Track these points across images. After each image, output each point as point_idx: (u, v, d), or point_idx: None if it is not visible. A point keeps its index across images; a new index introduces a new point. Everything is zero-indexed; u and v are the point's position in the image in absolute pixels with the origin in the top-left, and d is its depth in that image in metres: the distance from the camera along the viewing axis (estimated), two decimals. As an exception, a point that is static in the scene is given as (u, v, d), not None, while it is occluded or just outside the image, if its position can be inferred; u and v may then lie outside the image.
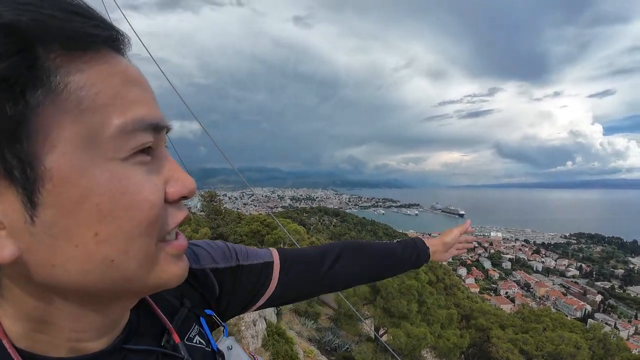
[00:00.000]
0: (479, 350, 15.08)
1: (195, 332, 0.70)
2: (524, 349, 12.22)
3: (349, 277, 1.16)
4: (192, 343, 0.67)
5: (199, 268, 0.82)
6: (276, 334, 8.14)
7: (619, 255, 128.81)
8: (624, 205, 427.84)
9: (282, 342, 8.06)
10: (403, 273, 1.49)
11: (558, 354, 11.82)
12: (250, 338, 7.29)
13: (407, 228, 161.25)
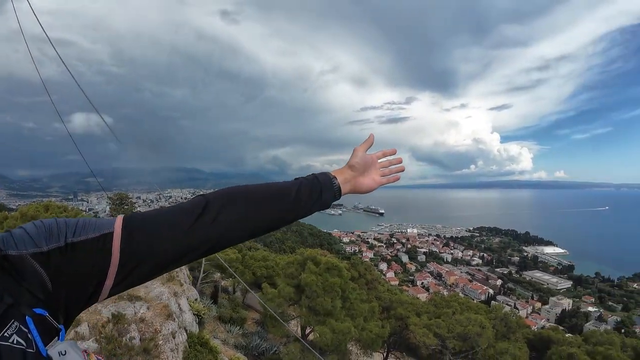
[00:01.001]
0: (399, 337, 16.09)
1: (13, 330, 0.58)
2: (437, 332, 13.32)
3: (230, 229, 0.94)
4: (6, 342, 0.57)
5: (16, 254, 0.66)
6: (198, 345, 7.77)
7: (514, 245, 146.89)
8: (517, 202, 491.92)
9: (205, 353, 7.72)
10: (308, 216, 1.21)
11: (466, 334, 13.11)
12: (170, 352, 6.86)
13: (332, 227, 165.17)
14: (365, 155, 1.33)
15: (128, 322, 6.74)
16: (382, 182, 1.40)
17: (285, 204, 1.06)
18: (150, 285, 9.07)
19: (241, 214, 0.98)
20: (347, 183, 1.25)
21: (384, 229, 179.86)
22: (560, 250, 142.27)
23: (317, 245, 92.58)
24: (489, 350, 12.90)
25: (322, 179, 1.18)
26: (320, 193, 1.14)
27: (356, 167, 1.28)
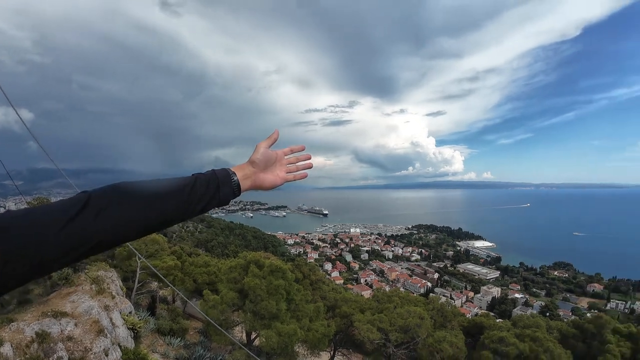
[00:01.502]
0: (345, 335, 16.30)
1: None
2: (380, 326, 13.68)
3: (116, 226, 0.87)
4: None
5: None
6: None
7: (448, 240, 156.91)
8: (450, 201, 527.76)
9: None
10: (205, 213, 1.16)
11: (407, 326, 13.63)
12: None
13: (276, 229, 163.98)
14: (268, 151, 1.30)
15: (54, 340, 6.13)
16: (287, 178, 1.37)
17: (178, 200, 1.00)
18: (78, 299, 8.28)
19: (128, 210, 0.90)
20: (247, 179, 1.23)
21: (328, 229, 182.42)
22: (488, 243, 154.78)
23: (261, 248, 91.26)
24: (428, 340, 13.54)
25: (220, 174, 1.14)
26: (217, 189, 1.10)
27: (257, 163, 1.26)
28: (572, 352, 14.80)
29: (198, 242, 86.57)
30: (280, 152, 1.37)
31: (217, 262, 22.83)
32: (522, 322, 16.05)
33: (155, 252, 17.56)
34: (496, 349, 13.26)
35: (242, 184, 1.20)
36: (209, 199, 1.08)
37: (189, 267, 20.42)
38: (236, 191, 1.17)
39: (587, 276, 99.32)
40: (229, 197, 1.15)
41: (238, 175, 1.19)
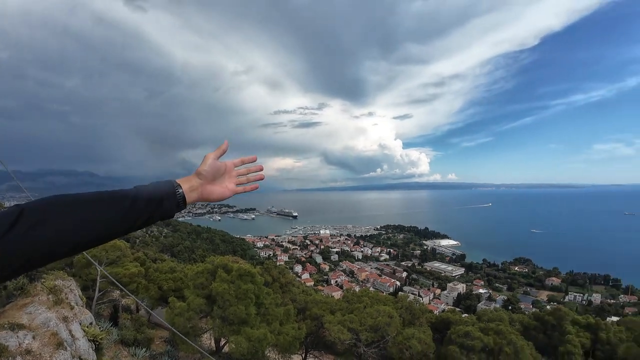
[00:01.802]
0: (316, 336, 16.23)
1: None
2: (351, 327, 13.72)
3: (51, 242, 0.85)
4: None
5: None
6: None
7: (416, 240, 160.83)
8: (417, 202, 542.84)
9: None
10: (148, 227, 1.12)
11: (377, 325, 13.75)
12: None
13: (245, 232, 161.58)
14: (217, 162, 1.28)
15: (12, 354, 5.76)
16: (236, 190, 1.34)
17: (118, 213, 0.95)
18: (35, 310, 7.77)
19: (64, 225, 0.87)
20: (193, 191, 1.19)
21: (298, 231, 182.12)
22: (453, 242, 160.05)
23: (230, 252, 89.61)
24: (397, 337, 13.72)
25: (164, 187, 1.10)
26: (160, 202, 1.06)
27: (204, 175, 1.22)
28: (533, 343, 15.48)
29: (163, 247, 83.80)
30: (229, 163, 1.34)
31: (183, 267, 22.15)
32: (486, 316, 16.63)
33: (117, 259, 16.76)
34: (462, 343, 13.61)
35: (188, 197, 1.16)
36: (151, 213, 1.04)
37: (154, 273, 19.68)
38: (181, 204, 1.13)
39: (546, 270, 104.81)
40: (172, 211, 1.11)
41: (184, 187, 1.15)
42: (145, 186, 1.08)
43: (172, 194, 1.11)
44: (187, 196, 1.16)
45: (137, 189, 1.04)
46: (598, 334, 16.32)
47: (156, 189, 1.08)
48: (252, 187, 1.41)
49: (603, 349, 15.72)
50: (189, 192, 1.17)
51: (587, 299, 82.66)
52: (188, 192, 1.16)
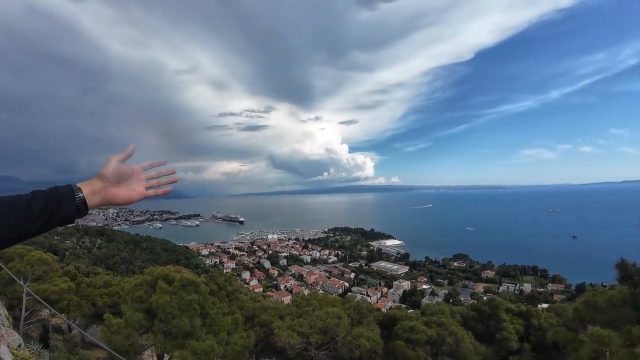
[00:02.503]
0: (266, 343, 15.87)
1: None
2: (300, 331, 13.59)
3: None
4: None
5: None
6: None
7: (362, 241, 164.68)
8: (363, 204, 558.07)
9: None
10: (46, 232, 1.07)
11: (326, 327, 13.76)
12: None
13: (188, 240, 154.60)
14: (121, 165, 1.23)
15: None
16: (145, 194, 1.30)
17: (11, 219, 0.92)
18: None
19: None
20: (96, 194, 1.14)
21: (245, 237, 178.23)
22: (398, 241, 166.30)
23: (173, 262, 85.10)
24: (347, 337, 13.83)
25: (63, 190, 1.06)
26: (57, 206, 1.02)
27: (107, 177, 1.18)
28: (473, 332, 16.47)
29: (97, 260, 77.48)
30: (137, 166, 1.30)
31: (120, 280, 20.69)
32: (429, 310, 17.37)
33: (44, 274, 15.20)
34: (408, 337, 14.06)
35: (90, 200, 1.12)
36: (47, 217, 1.00)
37: (86, 289, 18.19)
38: (81, 208, 1.09)
39: (481, 264, 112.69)
40: (71, 215, 1.07)
41: (85, 191, 1.11)
42: (43, 190, 1.04)
43: (71, 197, 1.06)
44: (89, 199, 1.11)
45: (34, 193, 1.01)
46: (530, 320, 17.75)
47: (54, 192, 1.03)
48: (164, 191, 1.37)
49: (535, 334, 17.11)
50: (90, 195, 1.12)
51: (518, 288, 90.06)
52: (89, 195, 1.12)
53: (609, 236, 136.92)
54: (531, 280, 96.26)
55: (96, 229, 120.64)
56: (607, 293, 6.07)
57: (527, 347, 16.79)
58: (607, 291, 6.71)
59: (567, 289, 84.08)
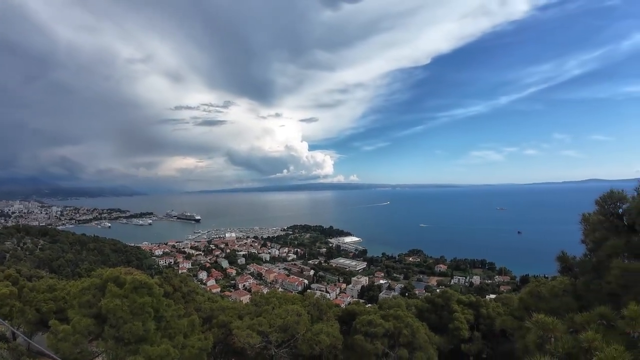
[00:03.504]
0: (224, 345, 15.52)
1: None
2: (260, 330, 13.44)
3: None
4: None
5: None
6: None
7: (321, 238, 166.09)
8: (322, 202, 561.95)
9: None
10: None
11: (286, 325, 13.72)
12: None
13: (140, 240, 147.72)
14: None
15: None
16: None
17: None
18: None
19: None
20: None
21: (201, 235, 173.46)
22: (356, 238, 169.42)
23: (124, 263, 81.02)
24: (307, 334, 13.89)
25: None
26: None
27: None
28: (427, 323, 17.14)
29: (40, 262, 72.07)
30: None
31: (65, 284, 19.41)
32: (386, 304, 17.84)
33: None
34: (366, 331, 14.37)
35: None
36: None
37: (29, 293, 16.93)
38: None
39: (435, 259, 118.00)
40: None
41: None
42: None
43: None
44: None
45: None
46: (480, 310, 18.75)
47: None
48: None
49: (485, 323, 18.11)
50: None
51: (469, 281, 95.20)
52: None
53: (551, 232, 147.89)
54: (480, 273, 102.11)
55: (38, 229, 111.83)
56: (550, 283, 6.55)
57: (478, 335, 17.74)
58: (550, 282, 7.24)
59: (513, 281, 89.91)
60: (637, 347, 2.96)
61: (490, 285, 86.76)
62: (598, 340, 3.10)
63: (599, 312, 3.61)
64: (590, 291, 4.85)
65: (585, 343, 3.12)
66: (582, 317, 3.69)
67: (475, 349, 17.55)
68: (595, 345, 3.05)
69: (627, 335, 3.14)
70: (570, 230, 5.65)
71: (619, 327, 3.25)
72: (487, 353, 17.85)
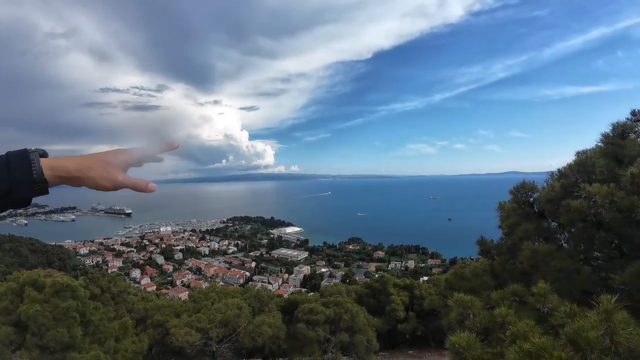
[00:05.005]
0: (162, 345, 14.87)
1: None
2: (199, 327, 13.10)
3: None
4: None
5: None
6: None
7: (262, 229, 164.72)
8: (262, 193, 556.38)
9: None
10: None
11: (227, 319, 13.51)
12: None
13: (63, 238, 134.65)
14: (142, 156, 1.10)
15: None
16: (124, 183, 1.09)
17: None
18: None
19: None
20: (85, 177, 0.90)
21: (133, 231, 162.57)
22: (297, 228, 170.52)
23: (44, 264, 73.54)
24: (248, 327, 13.82)
25: (18, 164, 0.77)
26: (8, 174, 0.75)
27: (118, 166, 1.01)
28: (366, 307, 17.94)
29: (-63, 269, 62.81)
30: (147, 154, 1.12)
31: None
32: (327, 292, 18.35)
33: None
34: (308, 319, 14.64)
35: (49, 180, 0.83)
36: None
37: None
38: (40, 182, 0.80)
39: (373, 246, 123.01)
40: (26, 196, 0.80)
41: (68, 167, 0.86)
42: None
43: (29, 176, 0.78)
44: (58, 170, 0.85)
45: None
46: (414, 292, 20.02)
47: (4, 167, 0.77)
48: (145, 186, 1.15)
49: (418, 303, 19.39)
50: (66, 172, 0.88)
51: (404, 265, 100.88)
52: (66, 172, 0.88)
53: (476, 218, 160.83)
54: (415, 258, 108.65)
55: None
56: (472, 264, 7.18)
57: (412, 315, 18.99)
58: (472, 263, 7.95)
59: (443, 263, 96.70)
60: (546, 321, 3.32)
61: (423, 269, 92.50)
62: (511, 315, 3.47)
63: (512, 290, 4.04)
64: (506, 271, 5.40)
65: (500, 318, 3.48)
66: (497, 294, 4.10)
67: (410, 328, 18.78)
68: (509, 319, 3.42)
69: (537, 310, 3.51)
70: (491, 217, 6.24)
71: (530, 303, 3.64)
72: (421, 330, 19.22)
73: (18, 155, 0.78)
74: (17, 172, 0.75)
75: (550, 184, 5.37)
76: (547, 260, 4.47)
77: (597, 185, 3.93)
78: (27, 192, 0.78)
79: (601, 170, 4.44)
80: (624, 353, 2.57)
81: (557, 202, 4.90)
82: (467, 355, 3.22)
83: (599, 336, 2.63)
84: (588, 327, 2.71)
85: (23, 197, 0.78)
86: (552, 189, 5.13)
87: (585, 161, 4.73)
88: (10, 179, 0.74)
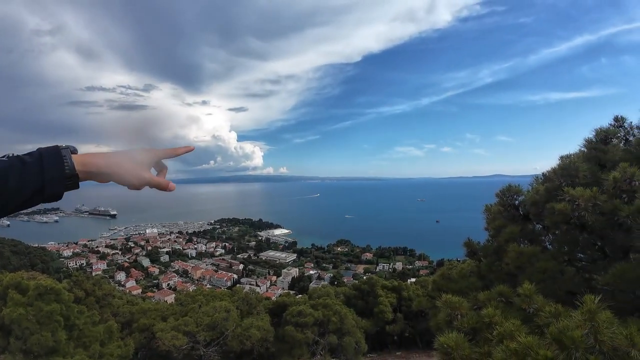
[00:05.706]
0: (148, 350, 14.64)
1: None
2: (186, 330, 12.93)
3: None
4: None
5: None
6: None
7: (250, 231, 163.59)
8: (251, 194, 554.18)
9: None
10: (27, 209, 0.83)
11: (214, 322, 13.38)
12: None
13: (45, 239, 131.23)
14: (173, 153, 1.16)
15: None
16: (150, 181, 1.13)
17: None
18: None
19: None
20: (103, 165, 0.91)
21: (118, 232, 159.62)
22: (285, 230, 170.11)
23: (27, 266, 71.64)
24: (237, 330, 13.70)
25: (51, 161, 0.79)
26: (41, 169, 0.77)
27: (144, 163, 1.04)
28: (354, 309, 17.99)
29: None
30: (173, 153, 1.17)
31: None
32: (316, 294, 18.31)
33: None
34: (297, 321, 14.61)
35: (79, 176, 0.86)
36: (24, 198, 0.77)
37: None
38: (70, 177, 0.83)
39: (361, 248, 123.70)
40: (58, 192, 0.82)
41: (94, 163, 0.88)
42: (15, 159, 0.79)
43: (60, 175, 0.80)
44: (86, 165, 0.87)
45: (9, 164, 0.77)
46: (401, 293, 20.16)
47: (37, 162, 0.79)
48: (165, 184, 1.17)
49: (406, 304, 19.51)
50: (96, 168, 0.91)
51: (392, 267, 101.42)
52: (95, 168, 0.91)
53: (463, 219, 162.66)
54: (402, 259, 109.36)
55: None
56: (459, 266, 7.30)
57: (400, 317, 19.10)
58: (459, 265, 8.07)
59: (430, 265, 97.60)
60: (532, 321, 3.39)
61: (411, 270, 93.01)
62: (498, 315, 3.55)
63: (499, 291, 4.12)
64: (492, 272, 5.51)
65: (487, 318, 3.55)
66: (484, 295, 4.18)
67: (398, 329, 18.91)
68: (496, 320, 3.49)
69: (523, 310, 3.59)
70: (477, 219, 6.34)
71: (516, 304, 3.71)
72: (408, 332, 19.36)
73: (50, 151, 0.80)
74: (50, 168, 0.78)
75: (535, 187, 5.51)
76: (532, 262, 4.58)
77: (580, 189, 4.05)
78: (60, 188, 0.80)
79: (584, 174, 4.58)
80: (608, 352, 2.66)
81: (541, 205, 5.03)
82: (455, 355, 3.28)
83: (583, 335, 2.71)
84: (572, 327, 2.79)
85: (56, 193, 0.81)
86: (537, 192, 5.26)
87: (569, 165, 4.87)
88: (43, 175, 0.76)
